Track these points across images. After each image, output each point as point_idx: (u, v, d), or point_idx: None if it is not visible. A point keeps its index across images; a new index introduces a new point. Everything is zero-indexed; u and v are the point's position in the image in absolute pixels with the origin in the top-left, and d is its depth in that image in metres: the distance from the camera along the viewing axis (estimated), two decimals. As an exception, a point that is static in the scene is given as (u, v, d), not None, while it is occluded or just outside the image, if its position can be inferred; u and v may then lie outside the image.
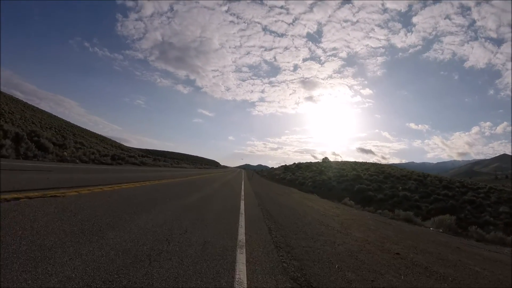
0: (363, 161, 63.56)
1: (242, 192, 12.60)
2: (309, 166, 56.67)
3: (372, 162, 68.37)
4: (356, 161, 65.71)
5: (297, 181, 36.11)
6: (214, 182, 16.48)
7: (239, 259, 2.92)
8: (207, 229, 4.13)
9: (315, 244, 4.42)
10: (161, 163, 35.87)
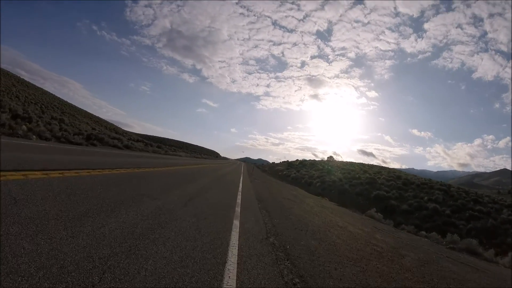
0: (370, 163, 59.16)
1: (239, 195, 8.40)
2: (314, 164, 52.44)
3: (379, 165, 63.90)
4: (363, 163, 61.38)
5: (303, 180, 31.92)
6: (204, 176, 12.33)
7: None
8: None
9: None
10: (151, 149, 31.70)
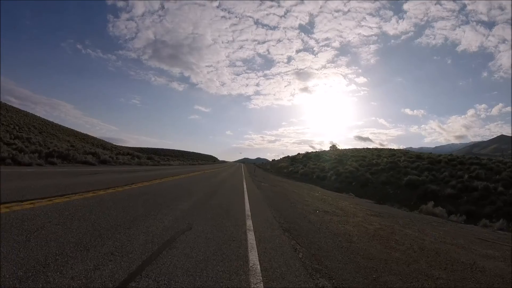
0: (376, 147, 55.12)
1: (249, 233, 4.13)
2: (319, 155, 48.39)
3: (385, 147, 59.87)
4: (368, 147, 57.44)
5: (314, 175, 27.75)
6: (189, 192, 8.13)
7: None
8: None
9: None
10: (136, 161, 27.28)
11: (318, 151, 59.02)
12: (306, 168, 33.54)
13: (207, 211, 5.27)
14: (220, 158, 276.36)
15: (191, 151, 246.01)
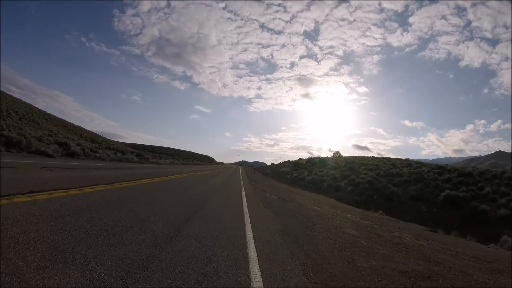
0: (381, 156, 51.23)
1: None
2: (324, 161, 44.56)
3: (391, 157, 55.94)
4: (375, 156, 53.70)
5: (325, 184, 23.73)
6: (156, 212, 4.27)
7: None
8: None
9: None
10: (116, 157, 23.26)
11: (322, 156, 55.23)
12: (313, 175, 29.57)
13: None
14: (218, 159, 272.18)
15: (188, 150, 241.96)
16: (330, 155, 63.26)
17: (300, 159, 61.18)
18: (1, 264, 1.83)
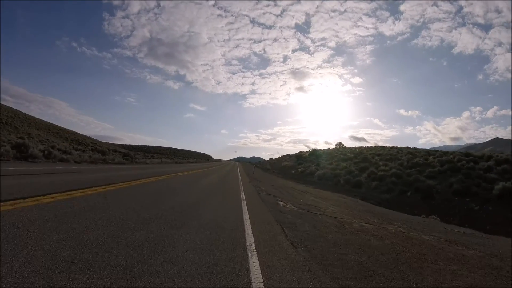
0: (393, 145, 47.80)
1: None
2: (331, 153, 41.01)
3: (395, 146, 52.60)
4: (382, 146, 50.19)
5: (342, 179, 19.97)
6: None
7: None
8: None
9: None
10: (93, 157, 19.35)
11: (326, 148, 51.63)
12: (322, 169, 25.88)
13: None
14: (215, 156, 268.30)
15: (184, 149, 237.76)
16: (327, 147, 59.80)
17: (301, 152, 57.59)
18: None
